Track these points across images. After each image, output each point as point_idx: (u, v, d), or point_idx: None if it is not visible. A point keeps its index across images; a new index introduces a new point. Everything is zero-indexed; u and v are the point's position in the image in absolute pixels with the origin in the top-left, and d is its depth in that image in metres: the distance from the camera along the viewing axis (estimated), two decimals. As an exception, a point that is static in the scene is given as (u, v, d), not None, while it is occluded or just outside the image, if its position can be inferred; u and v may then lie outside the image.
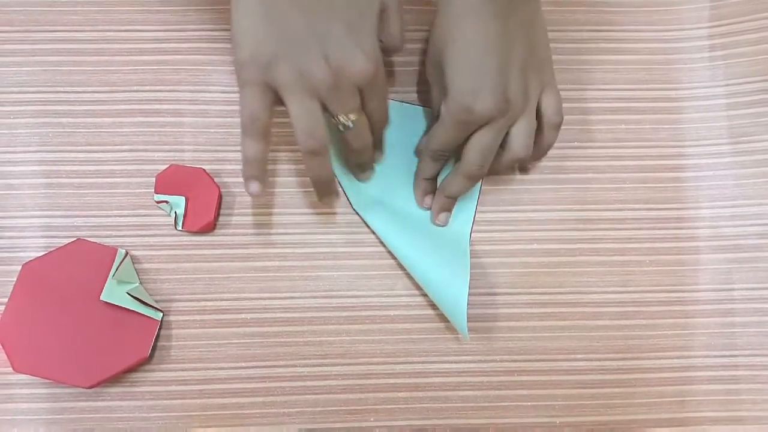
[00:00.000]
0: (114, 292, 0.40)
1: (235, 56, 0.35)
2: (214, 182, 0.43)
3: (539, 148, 0.43)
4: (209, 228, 0.43)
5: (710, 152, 0.46)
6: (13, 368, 0.39)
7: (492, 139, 0.39)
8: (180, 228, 0.43)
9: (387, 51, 0.40)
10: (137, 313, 0.40)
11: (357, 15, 0.35)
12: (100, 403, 0.41)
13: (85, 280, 0.41)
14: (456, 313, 0.40)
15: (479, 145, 0.39)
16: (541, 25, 0.40)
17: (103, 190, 0.43)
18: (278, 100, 0.36)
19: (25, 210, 0.43)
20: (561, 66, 0.46)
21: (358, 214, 0.44)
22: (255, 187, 0.38)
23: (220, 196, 0.43)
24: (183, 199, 0.42)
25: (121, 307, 0.40)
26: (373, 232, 0.44)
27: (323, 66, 0.35)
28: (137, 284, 0.41)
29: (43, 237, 0.43)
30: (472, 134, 0.39)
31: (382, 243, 0.44)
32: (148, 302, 0.41)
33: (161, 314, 0.42)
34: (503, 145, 0.40)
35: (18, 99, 0.44)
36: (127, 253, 0.42)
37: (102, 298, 0.40)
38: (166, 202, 0.43)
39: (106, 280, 0.40)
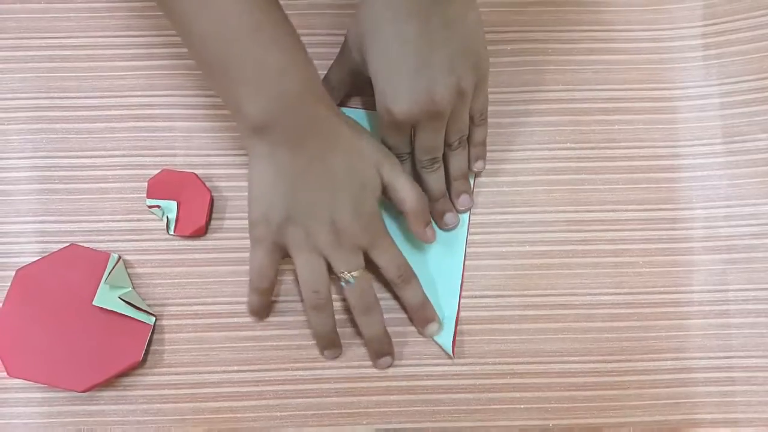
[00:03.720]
0: (107, 297, 0.40)
1: (249, 216, 0.39)
2: (206, 186, 0.43)
3: (470, 145, 0.43)
4: (201, 232, 0.43)
5: (704, 152, 0.45)
6: (8, 373, 0.40)
7: (432, 138, 0.40)
8: (172, 232, 0.43)
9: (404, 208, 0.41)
10: (130, 317, 0.41)
11: (359, 187, 0.39)
12: (93, 407, 0.42)
13: (79, 285, 0.41)
14: (443, 332, 0.42)
15: (421, 145, 0.41)
16: (472, 22, 0.39)
17: (96, 195, 0.44)
18: (286, 255, 0.40)
19: (18, 215, 0.43)
20: (553, 66, 0.46)
21: None
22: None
23: (212, 201, 0.43)
24: (175, 203, 0.43)
25: (113, 311, 0.40)
26: None
27: (327, 228, 0.38)
28: (130, 289, 0.42)
29: (36, 242, 0.43)
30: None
31: None
32: (140, 307, 0.41)
33: (154, 318, 0.42)
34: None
35: (11, 105, 0.44)
36: (119, 258, 0.42)
37: (95, 302, 0.40)
38: (158, 206, 0.43)
39: (98, 285, 0.41)
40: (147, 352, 0.42)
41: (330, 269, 0.40)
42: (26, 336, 0.40)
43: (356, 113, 0.45)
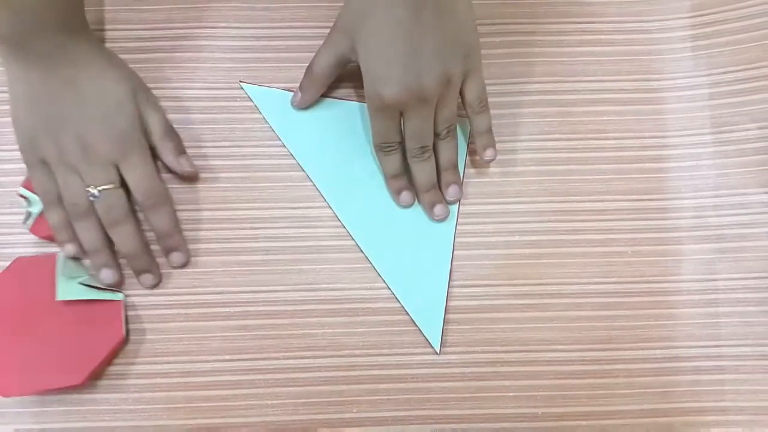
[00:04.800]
0: (67, 289, 0.40)
1: (17, 140, 0.41)
2: None
3: (475, 135, 0.43)
4: (53, 239, 0.43)
5: (693, 142, 0.45)
6: (3, 395, 0.40)
7: (420, 124, 0.41)
8: (28, 228, 0.43)
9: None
10: (98, 300, 0.41)
11: (111, 106, 0.41)
12: (86, 396, 0.42)
13: (39, 291, 0.41)
14: (431, 325, 0.42)
15: (410, 131, 0.41)
16: (464, 11, 0.40)
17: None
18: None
19: (12, 207, 0.44)
20: (542, 58, 0.46)
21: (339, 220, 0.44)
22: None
23: None
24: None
25: (80, 301, 0.41)
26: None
27: (76, 143, 0.40)
28: (86, 275, 0.42)
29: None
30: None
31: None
32: (103, 287, 0.42)
33: (121, 294, 0.42)
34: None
35: (4, 98, 0.44)
36: (65, 255, 0.42)
37: (58, 298, 0.40)
38: (26, 198, 0.43)
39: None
40: (141, 341, 0.42)
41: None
42: (4, 355, 0.40)
43: (350, 106, 0.46)
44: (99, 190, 0.40)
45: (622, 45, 0.47)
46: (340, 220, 0.44)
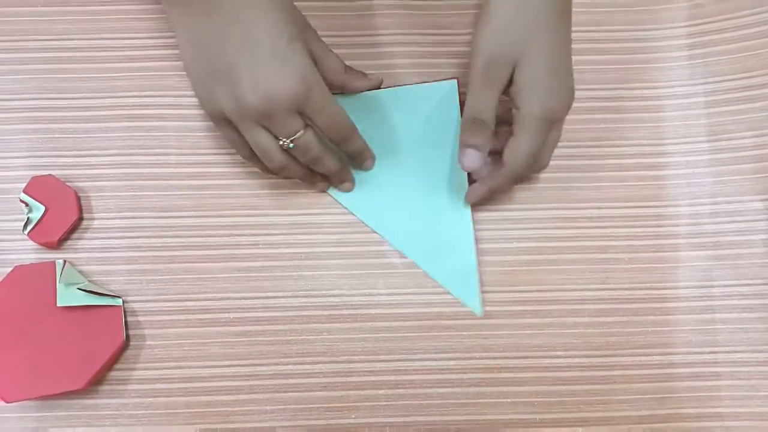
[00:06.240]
0: (67, 295, 0.41)
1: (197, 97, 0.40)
2: (79, 208, 0.44)
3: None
4: (51, 246, 0.43)
5: (690, 150, 0.46)
6: (6, 401, 0.40)
7: (558, 136, 0.42)
8: (26, 233, 0.43)
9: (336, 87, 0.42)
10: (98, 306, 0.41)
11: (285, 41, 0.36)
12: (87, 401, 0.42)
13: (40, 298, 0.41)
14: (466, 288, 0.43)
15: (553, 144, 0.41)
16: None
17: (90, 193, 0.44)
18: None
19: (12, 214, 0.44)
20: (540, 66, 0.47)
21: (345, 207, 0.45)
22: None
23: (78, 222, 0.44)
24: (43, 208, 0.43)
25: (81, 307, 0.41)
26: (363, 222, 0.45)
27: (254, 96, 0.36)
28: (85, 281, 0.42)
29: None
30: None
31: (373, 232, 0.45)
32: (102, 292, 0.42)
33: (121, 299, 0.43)
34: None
35: (8, 106, 0.45)
36: (65, 262, 0.43)
37: (59, 303, 0.41)
38: (27, 204, 0.43)
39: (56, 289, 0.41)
40: (140, 347, 0.43)
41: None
42: (6, 361, 0.41)
43: (356, 96, 0.45)
44: (291, 140, 0.38)
45: (619, 53, 0.47)
46: (355, 215, 0.44)
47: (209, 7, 0.36)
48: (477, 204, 0.44)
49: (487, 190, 0.42)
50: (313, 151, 0.40)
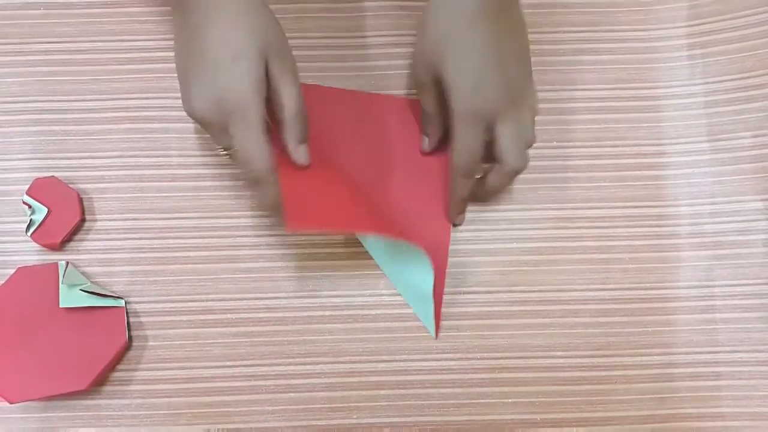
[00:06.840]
0: (70, 297, 0.41)
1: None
2: (82, 209, 0.44)
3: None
4: (54, 247, 0.44)
5: (689, 150, 0.46)
6: (9, 402, 0.40)
7: (518, 128, 0.40)
8: (29, 234, 0.43)
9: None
10: (100, 307, 0.42)
11: (229, 59, 0.35)
12: (89, 402, 0.43)
13: (42, 299, 0.42)
14: (425, 312, 0.43)
15: (511, 137, 0.40)
16: (525, 31, 0.42)
17: (92, 195, 0.45)
18: None
19: (15, 216, 0.44)
20: (540, 67, 0.47)
21: None
22: None
23: (80, 223, 0.44)
24: (45, 210, 0.43)
25: (83, 308, 0.41)
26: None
27: (211, 103, 0.36)
28: (88, 282, 0.43)
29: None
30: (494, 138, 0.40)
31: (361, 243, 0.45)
32: (105, 293, 0.42)
33: (123, 300, 0.43)
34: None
35: (11, 108, 0.46)
36: (68, 263, 0.43)
37: (61, 304, 0.41)
38: (29, 206, 0.43)
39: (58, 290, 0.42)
40: (143, 347, 0.43)
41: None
42: (12, 361, 0.41)
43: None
44: (226, 152, 0.39)
45: (619, 54, 0.47)
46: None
47: (184, 8, 0.37)
48: (460, 214, 0.44)
49: (456, 201, 0.43)
50: (258, 162, 0.37)
